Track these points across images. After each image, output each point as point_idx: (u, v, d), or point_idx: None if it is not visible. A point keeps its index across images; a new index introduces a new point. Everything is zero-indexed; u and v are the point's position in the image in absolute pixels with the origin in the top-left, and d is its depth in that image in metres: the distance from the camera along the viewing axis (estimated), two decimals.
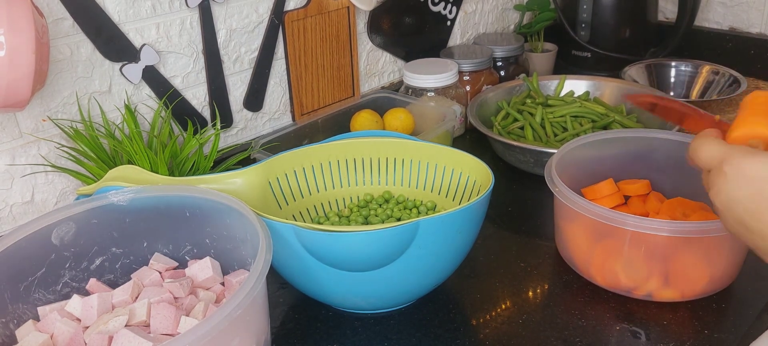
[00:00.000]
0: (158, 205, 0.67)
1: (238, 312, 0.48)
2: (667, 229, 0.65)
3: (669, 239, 0.66)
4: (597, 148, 0.82)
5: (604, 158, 0.83)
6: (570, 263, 0.76)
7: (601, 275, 0.72)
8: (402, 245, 0.61)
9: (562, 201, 0.71)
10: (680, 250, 0.67)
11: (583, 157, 0.82)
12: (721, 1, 1.38)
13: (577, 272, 0.75)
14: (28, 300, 0.61)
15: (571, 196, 0.70)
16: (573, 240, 0.74)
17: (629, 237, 0.68)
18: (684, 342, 0.66)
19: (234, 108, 0.96)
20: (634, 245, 0.68)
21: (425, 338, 0.68)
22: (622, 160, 0.83)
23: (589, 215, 0.68)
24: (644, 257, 0.68)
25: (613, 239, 0.69)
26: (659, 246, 0.67)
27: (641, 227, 0.66)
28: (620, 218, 0.66)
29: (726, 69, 1.20)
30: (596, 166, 0.83)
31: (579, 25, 1.32)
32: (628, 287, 0.70)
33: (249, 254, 0.64)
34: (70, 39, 0.77)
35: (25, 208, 0.79)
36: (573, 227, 0.74)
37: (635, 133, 0.83)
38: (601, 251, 0.71)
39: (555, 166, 0.75)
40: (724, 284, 0.72)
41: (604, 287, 0.72)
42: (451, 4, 1.25)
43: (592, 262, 0.72)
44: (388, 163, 0.82)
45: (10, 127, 0.75)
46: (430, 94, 1.08)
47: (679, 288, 0.69)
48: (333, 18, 1.04)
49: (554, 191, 0.72)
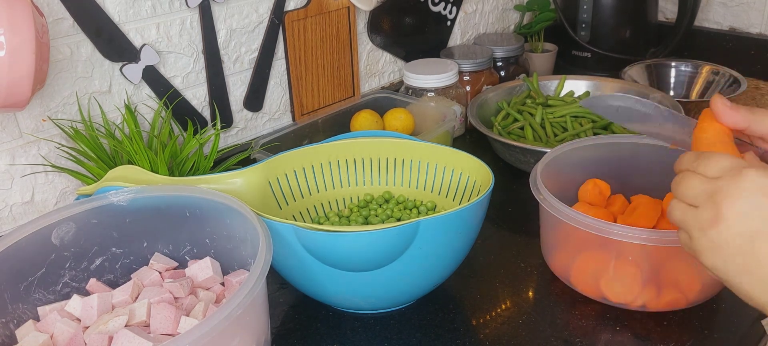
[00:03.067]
0: (158, 205, 0.67)
1: (238, 312, 0.48)
2: (656, 239, 0.63)
3: (658, 248, 0.65)
4: (582, 154, 0.82)
5: (589, 163, 0.82)
6: (566, 281, 0.75)
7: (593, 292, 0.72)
8: (402, 245, 0.61)
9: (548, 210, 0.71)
10: (671, 259, 0.66)
11: (571, 161, 0.81)
12: (721, 1, 1.38)
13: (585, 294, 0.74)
14: (28, 300, 0.61)
15: (559, 205, 0.69)
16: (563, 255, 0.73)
17: (616, 248, 0.67)
18: (684, 342, 0.66)
19: (234, 108, 0.96)
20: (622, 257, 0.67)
21: (425, 338, 0.68)
22: (611, 165, 0.82)
23: (578, 225, 0.67)
24: (633, 268, 0.67)
25: (603, 251, 0.69)
26: (648, 256, 0.66)
27: (628, 237, 0.64)
28: (608, 228, 0.65)
29: (726, 69, 1.19)
30: (579, 172, 0.82)
31: (579, 26, 1.32)
32: (619, 302, 0.70)
33: (249, 254, 0.64)
34: (70, 39, 0.77)
35: (25, 208, 0.79)
36: (558, 235, 0.73)
37: (624, 139, 0.83)
38: (586, 261, 0.70)
39: (540, 174, 0.74)
40: (715, 289, 0.70)
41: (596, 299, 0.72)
42: (451, 4, 1.25)
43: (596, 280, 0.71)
44: (388, 163, 0.82)
45: (10, 127, 0.75)
46: (430, 94, 1.08)
47: (671, 298, 0.68)
48: (333, 18, 1.04)
49: (539, 198, 0.72)
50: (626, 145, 0.82)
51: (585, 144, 0.81)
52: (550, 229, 0.75)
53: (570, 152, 0.81)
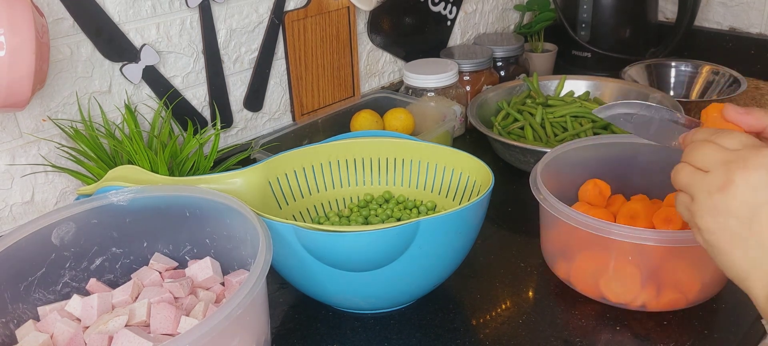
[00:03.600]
0: (158, 205, 0.67)
1: (238, 312, 0.49)
2: (656, 239, 0.63)
3: (656, 248, 0.65)
4: (582, 154, 0.82)
5: (589, 162, 0.82)
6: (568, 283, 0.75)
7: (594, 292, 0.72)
8: (402, 245, 0.61)
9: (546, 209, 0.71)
10: (670, 259, 0.66)
11: (571, 161, 0.81)
12: (721, 1, 1.38)
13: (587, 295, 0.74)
14: (28, 300, 0.61)
15: (559, 205, 0.69)
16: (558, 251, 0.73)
17: (616, 248, 0.67)
18: (684, 342, 0.66)
19: (234, 108, 0.96)
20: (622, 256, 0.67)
21: (425, 338, 0.68)
22: (611, 165, 0.82)
23: (576, 224, 0.67)
24: (633, 268, 0.67)
25: (602, 251, 0.69)
26: (648, 256, 0.66)
27: (630, 237, 0.64)
28: (609, 228, 0.65)
29: (726, 69, 1.19)
30: (580, 172, 0.82)
31: (579, 25, 1.32)
32: (619, 302, 0.70)
33: (249, 254, 0.64)
34: (70, 39, 0.77)
35: (25, 208, 0.79)
36: (554, 233, 0.73)
37: (620, 139, 0.83)
38: (585, 261, 0.70)
39: (540, 174, 0.74)
40: (715, 289, 0.70)
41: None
42: (451, 4, 1.25)
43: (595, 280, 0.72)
44: (388, 164, 0.82)
45: (10, 127, 0.75)
46: (430, 94, 1.08)
47: (671, 298, 0.68)
48: (333, 18, 1.04)
49: (539, 198, 0.72)
50: (626, 145, 0.82)
51: (585, 144, 0.81)
52: (550, 229, 0.75)
53: (570, 152, 0.81)
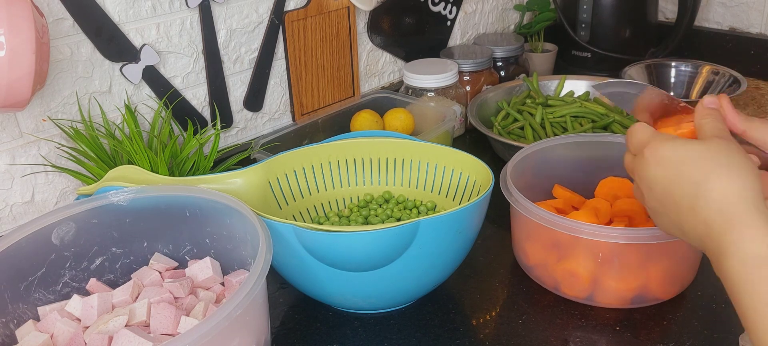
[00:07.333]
0: (158, 205, 0.67)
1: (238, 312, 0.49)
2: (635, 236, 0.64)
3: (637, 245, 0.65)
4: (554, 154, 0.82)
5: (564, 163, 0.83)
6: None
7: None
8: (402, 245, 0.61)
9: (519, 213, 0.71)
10: (651, 257, 0.67)
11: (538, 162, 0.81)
12: (721, 1, 1.38)
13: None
14: (28, 300, 0.61)
15: (530, 206, 0.69)
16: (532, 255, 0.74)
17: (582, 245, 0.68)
18: (684, 342, 0.66)
19: (234, 108, 0.96)
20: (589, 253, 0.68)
21: (425, 338, 0.68)
22: (590, 164, 0.83)
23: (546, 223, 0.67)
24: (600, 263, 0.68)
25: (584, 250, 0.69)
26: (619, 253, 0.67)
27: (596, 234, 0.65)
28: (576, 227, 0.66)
29: (726, 69, 1.19)
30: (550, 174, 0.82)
31: (579, 26, 1.32)
32: (607, 303, 0.70)
33: (249, 254, 0.64)
34: (70, 39, 0.77)
35: (25, 208, 0.79)
36: (525, 232, 0.74)
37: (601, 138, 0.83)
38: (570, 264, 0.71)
39: (510, 174, 0.75)
40: (688, 280, 0.72)
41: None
42: (451, 4, 1.25)
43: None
44: (388, 163, 0.82)
45: (10, 127, 0.75)
46: (430, 94, 1.08)
47: (662, 289, 0.69)
48: (333, 18, 1.04)
49: (510, 200, 0.72)
50: (603, 143, 0.82)
51: (557, 143, 0.82)
52: (521, 229, 0.75)
53: (542, 151, 0.81)
